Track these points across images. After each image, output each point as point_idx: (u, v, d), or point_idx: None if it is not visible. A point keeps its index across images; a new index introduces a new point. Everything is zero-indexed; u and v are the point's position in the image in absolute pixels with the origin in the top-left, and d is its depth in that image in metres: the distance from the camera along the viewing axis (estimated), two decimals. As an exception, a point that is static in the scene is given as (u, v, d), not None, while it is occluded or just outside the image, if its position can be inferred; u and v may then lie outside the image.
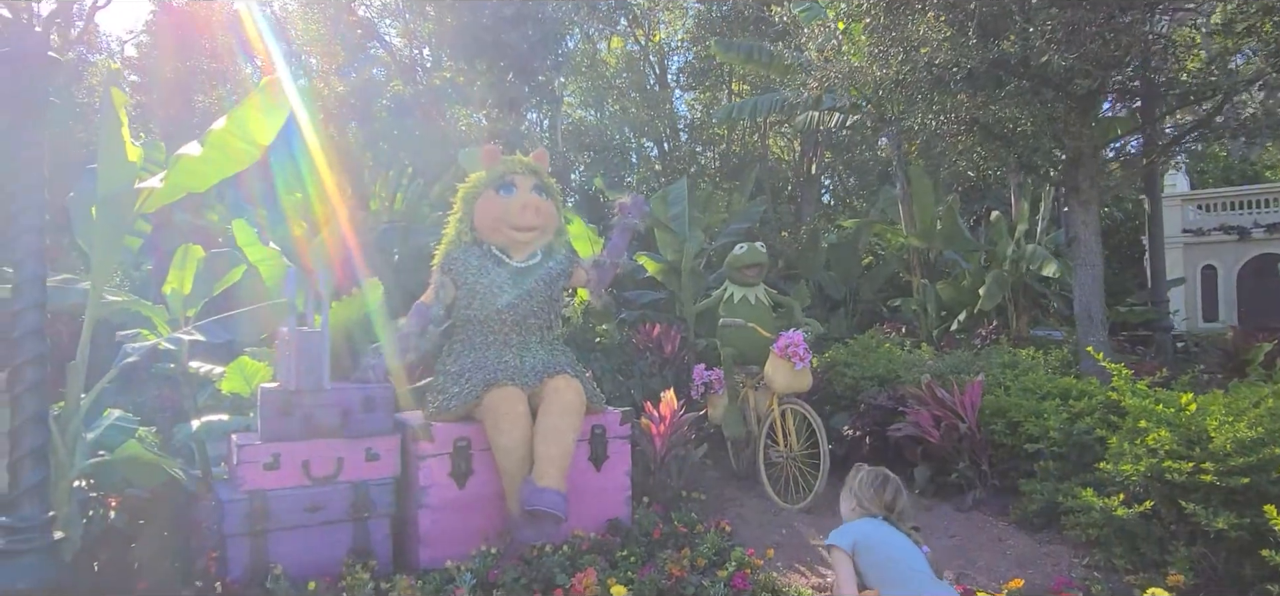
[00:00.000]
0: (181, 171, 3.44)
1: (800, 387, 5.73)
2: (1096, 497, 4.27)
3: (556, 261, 5.18)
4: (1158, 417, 4.27)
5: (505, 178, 5.05)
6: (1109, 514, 4.17)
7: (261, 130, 3.45)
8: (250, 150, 3.50)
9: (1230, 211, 17.10)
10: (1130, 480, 4.24)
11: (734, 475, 6.57)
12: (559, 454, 4.50)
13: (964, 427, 5.27)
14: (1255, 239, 16.32)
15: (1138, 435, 4.34)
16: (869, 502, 3.09)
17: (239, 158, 3.52)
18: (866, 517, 3.07)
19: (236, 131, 3.37)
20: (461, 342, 4.96)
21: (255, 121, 3.41)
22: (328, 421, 4.45)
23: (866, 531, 3.00)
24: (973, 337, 8.51)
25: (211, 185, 3.68)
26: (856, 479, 3.20)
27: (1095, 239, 6.81)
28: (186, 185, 3.55)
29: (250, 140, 3.44)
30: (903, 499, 3.10)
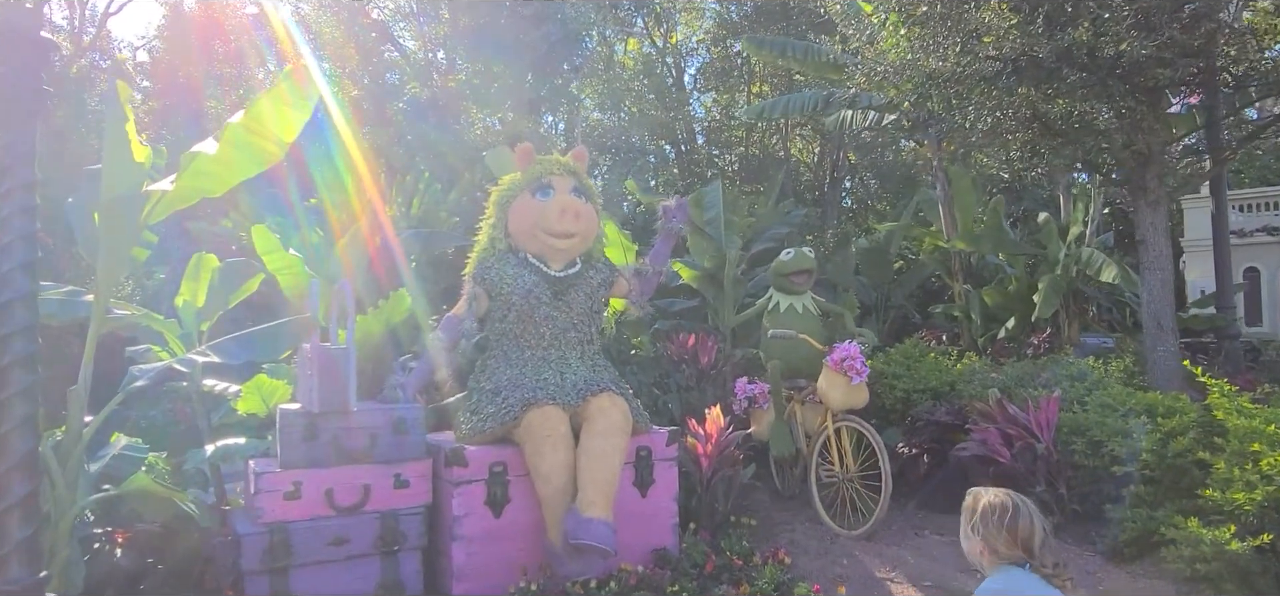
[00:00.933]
0: (196, 173, 3.07)
1: (856, 404, 5.32)
2: (1204, 529, 3.85)
3: (597, 270, 4.80)
4: (1271, 439, 3.84)
5: (542, 179, 4.67)
6: (1220, 547, 3.74)
7: (285, 125, 3.08)
8: (273, 149, 3.13)
9: (1272, 212, 16.56)
10: (1243, 510, 3.81)
11: (779, 496, 6.16)
12: (606, 480, 4.11)
13: (1040, 448, 4.84)
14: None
15: (1248, 459, 3.91)
16: (1002, 544, 2.33)
17: (260, 157, 3.15)
18: (1005, 569, 2.34)
19: (257, 127, 3.00)
20: (496, 358, 4.58)
21: (278, 115, 3.04)
22: (354, 445, 4.08)
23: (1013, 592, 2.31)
24: (1023, 347, 8.07)
25: (229, 189, 3.31)
26: (977, 511, 2.43)
27: (1165, 241, 6.38)
28: (201, 188, 3.18)
29: (273, 137, 3.07)
30: (1042, 532, 2.36)
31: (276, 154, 3.19)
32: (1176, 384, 6.36)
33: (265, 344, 3.11)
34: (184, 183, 3.11)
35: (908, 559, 4.71)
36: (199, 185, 3.15)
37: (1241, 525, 3.84)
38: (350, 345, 4.04)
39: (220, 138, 3.02)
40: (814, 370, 6.16)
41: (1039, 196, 12.93)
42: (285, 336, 3.23)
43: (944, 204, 9.39)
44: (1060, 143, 6.45)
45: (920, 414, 6.02)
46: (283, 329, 3.23)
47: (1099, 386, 5.48)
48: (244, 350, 3.00)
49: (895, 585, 4.34)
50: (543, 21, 13.67)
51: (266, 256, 5.12)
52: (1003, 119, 6.34)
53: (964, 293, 9.25)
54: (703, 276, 7.54)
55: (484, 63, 15.29)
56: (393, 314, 4.67)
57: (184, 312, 4.93)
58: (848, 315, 6.23)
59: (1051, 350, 7.92)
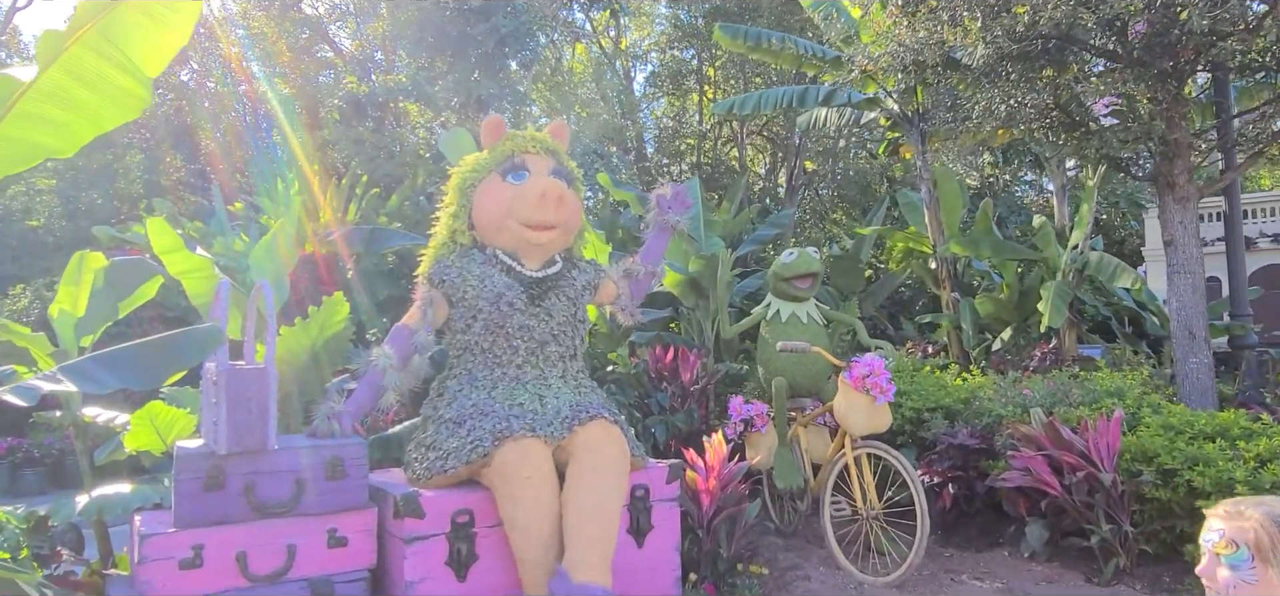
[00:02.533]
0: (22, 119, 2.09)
1: (879, 427, 4.54)
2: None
3: (581, 271, 3.95)
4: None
5: (514, 159, 3.80)
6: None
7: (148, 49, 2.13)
8: (136, 89, 2.18)
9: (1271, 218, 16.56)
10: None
11: (778, 532, 5.36)
12: (602, 533, 3.24)
13: (1106, 478, 4.12)
14: (1262, 248, 15.76)
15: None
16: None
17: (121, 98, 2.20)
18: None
19: (113, 50, 2.05)
20: (459, 379, 3.68)
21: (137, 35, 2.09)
22: (274, 495, 3.14)
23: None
24: (1025, 358, 7.45)
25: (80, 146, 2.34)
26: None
27: (1195, 242, 5.79)
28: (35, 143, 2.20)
29: (129, 67, 2.12)
30: None
31: (141, 97, 2.25)
32: (1211, 400, 5.77)
33: (149, 363, 2.19)
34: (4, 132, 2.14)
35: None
36: (30, 138, 2.18)
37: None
38: (270, 364, 3.10)
39: (53, 59, 2.05)
40: (819, 388, 5.39)
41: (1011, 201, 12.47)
42: (180, 353, 2.30)
43: (930, 207, 8.76)
44: (1080, 136, 5.83)
45: (940, 437, 5.28)
46: (177, 343, 2.30)
47: (1154, 407, 4.82)
48: (114, 372, 2.08)
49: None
50: (491, 13, 12.74)
51: (166, 257, 4.13)
52: (1020, 107, 5.68)
53: (953, 301, 8.62)
54: (684, 282, 6.73)
55: (427, 59, 14.29)
56: (327, 324, 3.74)
57: (59, 325, 3.92)
58: (858, 325, 5.48)
59: (1056, 363, 7.31)
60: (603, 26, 21.94)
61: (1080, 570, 4.38)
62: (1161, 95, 5.29)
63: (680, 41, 19.20)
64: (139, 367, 2.13)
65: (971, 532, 5.16)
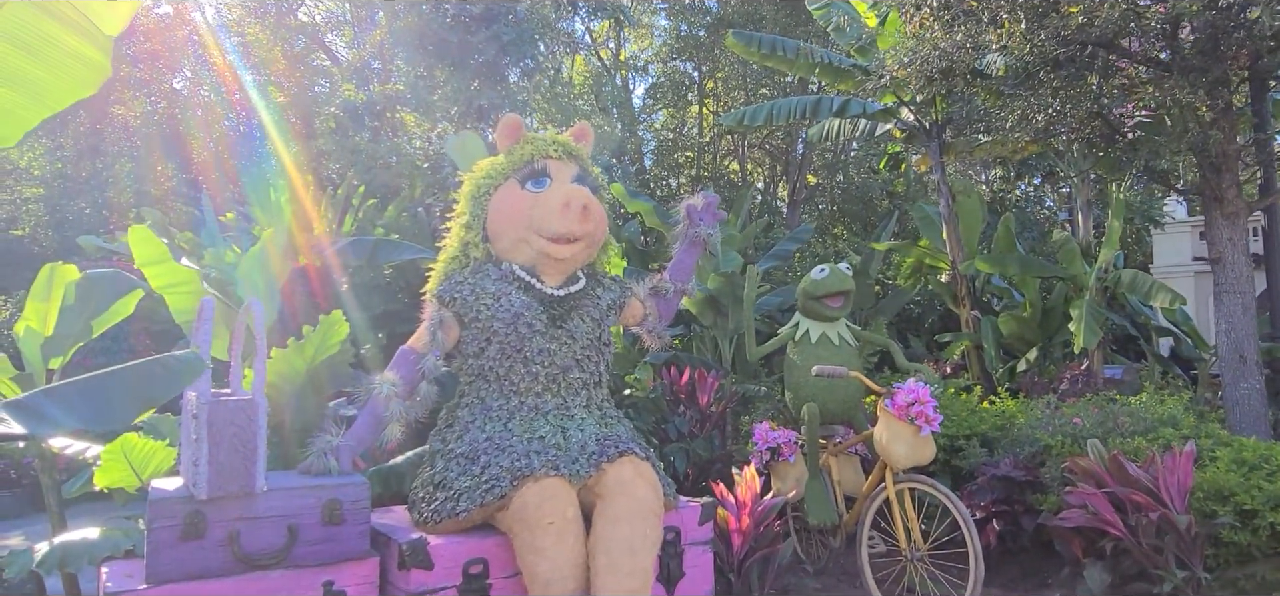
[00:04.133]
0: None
1: (923, 459, 4.17)
2: None
3: (606, 289, 3.58)
4: None
5: (534, 164, 3.44)
6: None
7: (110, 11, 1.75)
8: (86, 51, 1.79)
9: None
10: None
11: (807, 569, 4.99)
12: (634, 587, 2.86)
13: (1181, 520, 3.75)
14: (1272, 268, 15.49)
15: None
16: None
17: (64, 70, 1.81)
18: None
19: (52, 5, 1.66)
20: (471, 409, 3.30)
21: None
22: (263, 544, 2.75)
23: None
24: (1055, 381, 7.10)
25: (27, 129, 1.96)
26: None
27: (1245, 259, 5.46)
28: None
29: (85, 27, 1.72)
30: None
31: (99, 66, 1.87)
32: (1264, 428, 5.43)
33: (115, 399, 1.81)
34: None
35: (1016, 670, 3.56)
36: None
37: None
38: (259, 394, 2.71)
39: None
40: (852, 414, 5.03)
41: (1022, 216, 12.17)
42: (153, 386, 1.93)
43: (948, 222, 8.42)
44: (1122, 148, 5.51)
45: (981, 468, 4.92)
46: (149, 374, 1.93)
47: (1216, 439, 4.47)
48: (70, 410, 1.70)
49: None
50: (492, 20, 12.40)
51: (149, 269, 3.75)
52: (1060, 115, 5.35)
53: (973, 319, 8.27)
54: (701, 301, 6.36)
55: (425, 68, 13.92)
56: (324, 344, 3.35)
57: (25, 345, 3.53)
58: (894, 347, 5.11)
59: (1088, 385, 6.96)
60: (603, 38, 21.66)
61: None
62: (1215, 104, 4.98)
63: (681, 53, 18.92)
64: (101, 403, 1.76)
65: (1016, 572, 4.79)
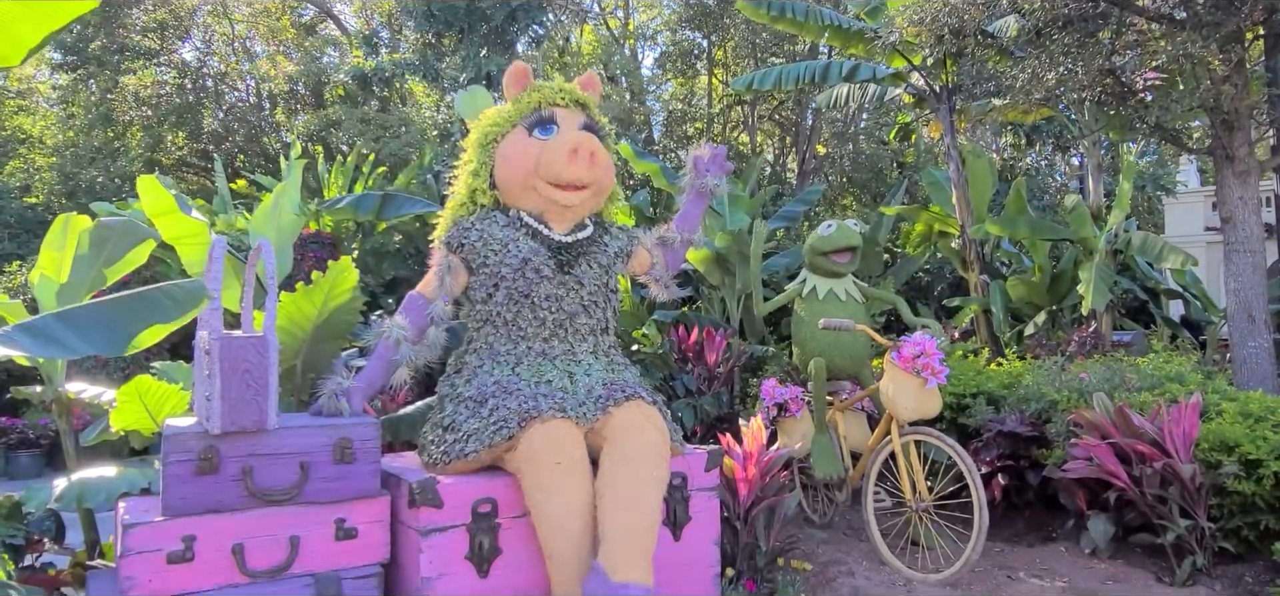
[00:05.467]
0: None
1: (929, 412, 4.20)
2: None
3: (614, 237, 3.60)
4: None
5: (541, 112, 3.45)
6: None
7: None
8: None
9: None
10: None
11: (814, 523, 5.03)
12: (642, 526, 2.90)
13: (1186, 469, 3.77)
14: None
15: None
16: None
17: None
18: None
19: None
20: (479, 354, 3.34)
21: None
22: (275, 480, 2.80)
23: None
24: (1064, 343, 7.10)
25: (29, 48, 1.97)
26: None
27: (1256, 219, 5.43)
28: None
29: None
30: None
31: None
32: (1270, 387, 5.42)
33: (122, 322, 1.84)
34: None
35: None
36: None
37: None
38: (270, 333, 2.75)
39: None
40: (859, 370, 5.05)
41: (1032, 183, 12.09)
42: (159, 310, 1.96)
43: (958, 186, 8.39)
44: (1133, 106, 5.47)
45: (987, 424, 4.94)
46: (154, 300, 1.96)
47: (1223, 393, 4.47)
48: (78, 331, 1.73)
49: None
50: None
51: (159, 218, 3.79)
52: (1071, 74, 5.31)
53: (981, 284, 8.26)
54: (709, 259, 6.37)
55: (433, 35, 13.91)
56: (334, 291, 3.39)
57: (40, 292, 3.57)
58: (901, 302, 5.13)
59: (1096, 347, 6.96)
60: (611, 6, 21.54)
61: (1150, 568, 4.04)
62: (1228, 59, 4.94)
63: (690, 22, 18.80)
64: (109, 326, 1.79)
65: (1021, 526, 4.83)
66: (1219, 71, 4.99)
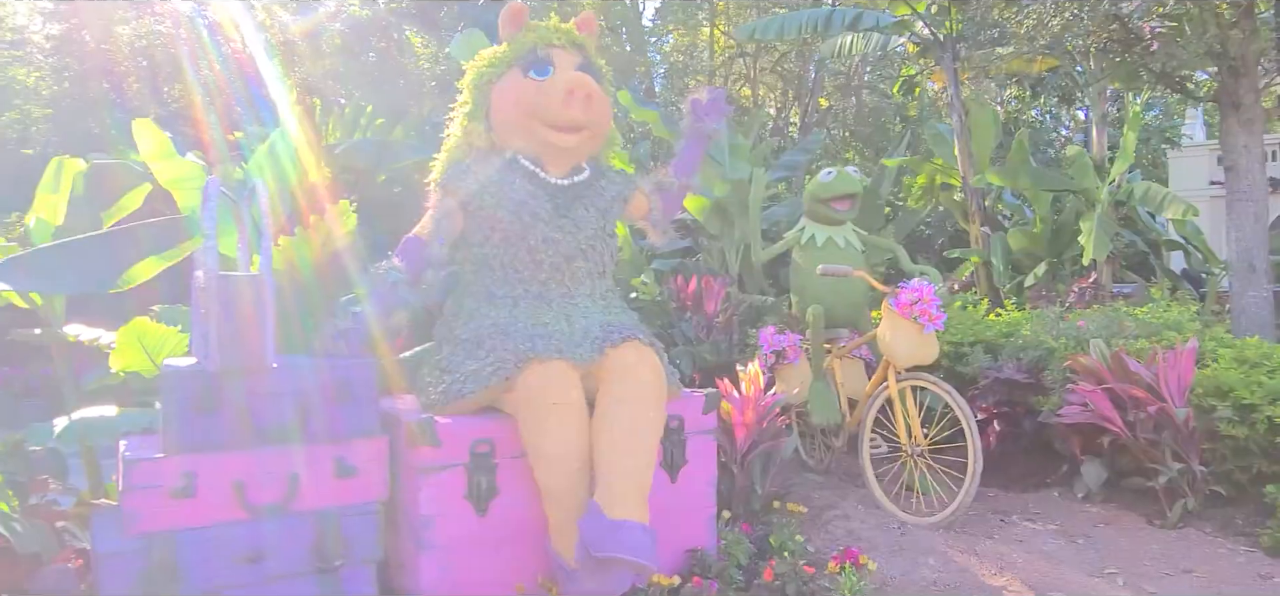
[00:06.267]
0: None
1: (926, 358, 4.22)
2: None
3: (611, 181, 3.58)
4: None
5: (538, 52, 3.42)
6: None
7: None
8: None
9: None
10: None
11: (811, 469, 5.08)
12: (639, 466, 2.93)
13: (1180, 413, 3.79)
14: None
15: None
16: None
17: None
18: None
19: None
20: (477, 297, 3.35)
21: None
22: (275, 418, 2.82)
23: None
24: (1065, 295, 7.10)
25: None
26: None
27: (1260, 168, 5.40)
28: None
29: None
30: None
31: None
32: (1269, 336, 5.44)
33: (113, 256, 1.84)
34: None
35: (1013, 556, 3.65)
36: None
37: None
38: (267, 273, 2.76)
39: None
40: (857, 318, 5.06)
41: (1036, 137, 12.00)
42: (150, 244, 1.96)
43: (961, 138, 8.34)
44: (1137, 54, 5.41)
45: (984, 371, 4.96)
46: (146, 234, 1.96)
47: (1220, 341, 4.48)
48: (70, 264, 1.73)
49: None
50: (501, -68, 12.17)
51: (155, 162, 3.76)
52: (1077, 19, 5.24)
53: (983, 236, 8.24)
54: (708, 208, 6.36)
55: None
56: (335, 234, 3.38)
57: (36, 235, 3.57)
58: (899, 250, 5.12)
59: (1095, 298, 6.96)
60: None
61: (1141, 512, 4.09)
62: (1237, 4, 4.87)
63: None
64: (101, 259, 1.80)
65: (1017, 472, 4.87)
66: (1227, 16, 4.93)
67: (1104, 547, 3.71)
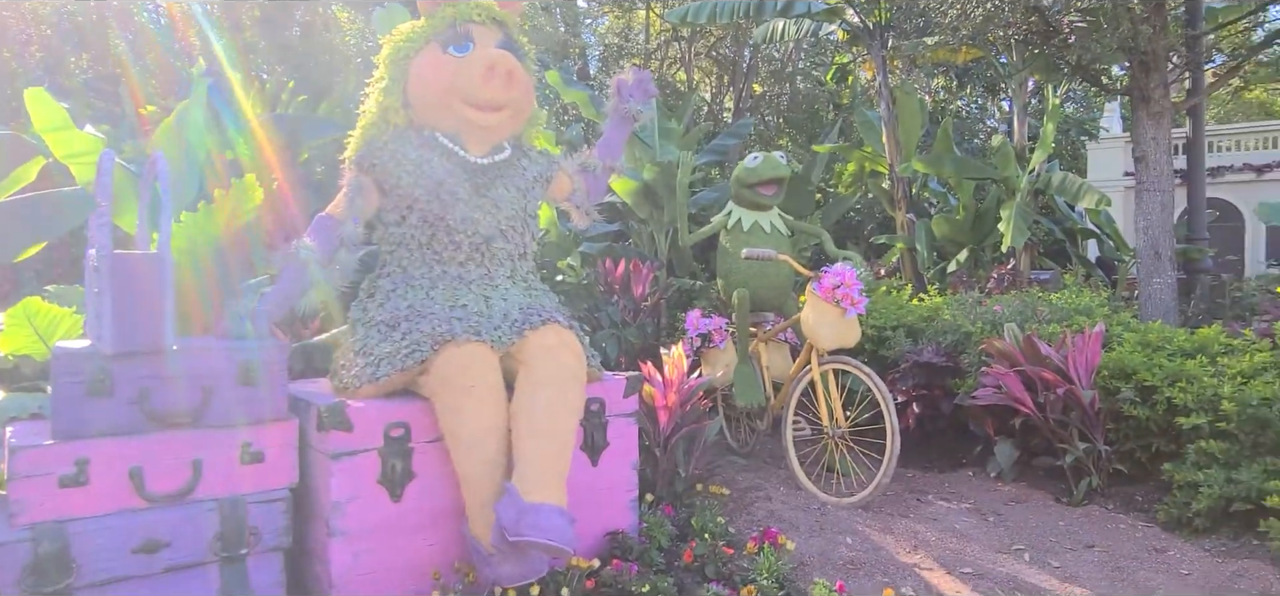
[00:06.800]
0: None
1: (848, 342, 4.28)
2: (1327, 498, 3.02)
3: (533, 161, 3.53)
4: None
5: (457, 27, 3.33)
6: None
7: None
8: None
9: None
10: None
11: (735, 452, 5.12)
12: (556, 450, 2.90)
13: (1086, 395, 3.93)
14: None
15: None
16: None
17: None
18: None
19: None
20: (393, 278, 3.26)
21: None
22: (175, 402, 2.71)
23: None
24: (984, 281, 7.29)
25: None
26: None
27: (1167, 159, 5.62)
28: None
29: None
30: None
31: None
32: (1173, 321, 5.67)
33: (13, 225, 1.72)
34: None
35: (926, 534, 3.73)
36: None
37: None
38: (166, 251, 2.63)
39: None
40: (782, 302, 5.11)
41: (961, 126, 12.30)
42: (39, 219, 1.84)
43: (888, 125, 8.48)
44: (1056, 47, 5.56)
45: (904, 355, 5.06)
46: (34, 208, 1.84)
47: (1126, 325, 4.65)
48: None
49: (927, 573, 3.35)
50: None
51: (50, 136, 3.57)
52: (998, 10, 5.36)
53: (908, 222, 8.41)
54: (637, 191, 6.33)
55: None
56: (239, 210, 3.25)
57: (-83, 209, 3.34)
58: (825, 235, 5.18)
59: (1014, 284, 7.17)
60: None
61: (1049, 490, 4.23)
62: (1146, 2, 5.04)
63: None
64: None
65: (934, 453, 4.99)
66: (1138, 12, 5.11)
67: (1013, 524, 3.82)
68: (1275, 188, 16.44)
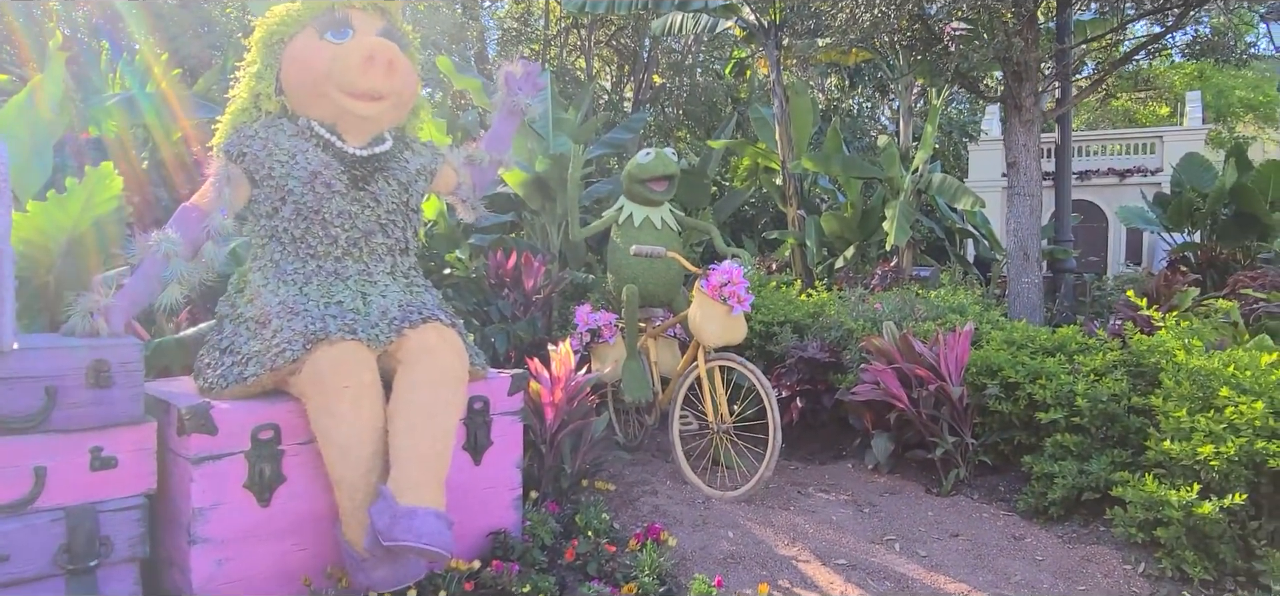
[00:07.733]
0: None
1: (734, 339, 4.35)
2: (1164, 488, 3.25)
3: (416, 153, 3.43)
4: (1234, 382, 3.29)
5: (336, 13, 3.21)
6: (1187, 509, 3.14)
7: None
8: None
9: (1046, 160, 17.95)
10: (1210, 465, 3.24)
11: (624, 447, 5.15)
12: (436, 452, 2.84)
13: (955, 391, 4.11)
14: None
15: (1208, 406, 3.35)
16: None
17: None
18: None
19: None
20: (264, 273, 3.12)
21: None
22: (15, 405, 2.52)
23: None
24: (868, 277, 7.55)
25: None
26: None
27: (1036, 165, 5.94)
28: None
29: None
30: None
31: None
32: (1039, 317, 6.01)
33: None
34: None
35: (804, 526, 3.84)
36: None
37: (1207, 483, 3.27)
38: (4, 242, 2.44)
39: None
40: (672, 297, 5.15)
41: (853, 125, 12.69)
42: None
43: (781, 123, 8.66)
44: (937, 53, 5.79)
45: (790, 350, 5.18)
46: None
47: (994, 323, 4.90)
48: None
49: (803, 565, 3.44)
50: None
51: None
52: (884, 17, 5.54)
53: (799, 218, 8.62)
54: (530, 182, 6.26)
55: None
56: (93, 200, 3.04)
57: None
58: (715, 231, 5.24)
59: (896, 281, 7.45)
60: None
61: (921, 481, 4.42)
62: (1020, 13, 5.30)
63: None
64: None
65: (816, 446, 5.14)
66: (1012, 25, 5.37)
67: (886, 515, 3.98)
68: (1135, 192, 17.65)
